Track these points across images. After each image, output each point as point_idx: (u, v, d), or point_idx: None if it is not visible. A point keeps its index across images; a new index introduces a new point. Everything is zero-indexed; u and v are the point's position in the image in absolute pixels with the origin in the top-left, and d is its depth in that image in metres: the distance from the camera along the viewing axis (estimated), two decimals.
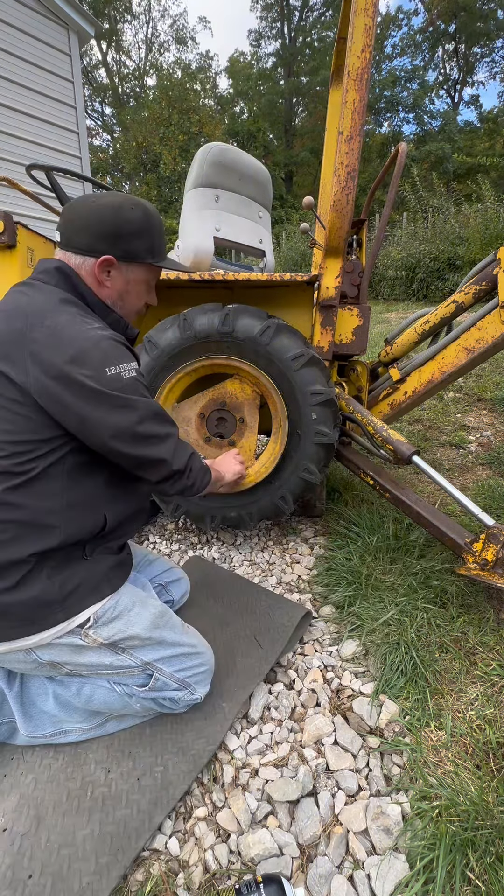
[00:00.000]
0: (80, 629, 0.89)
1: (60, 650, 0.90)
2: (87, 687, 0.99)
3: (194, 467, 1.01)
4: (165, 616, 1.03)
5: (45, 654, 0.89)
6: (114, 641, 0.93)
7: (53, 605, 0.85)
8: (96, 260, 0.92)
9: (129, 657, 0.96)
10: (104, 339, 0.86)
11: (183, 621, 1.11)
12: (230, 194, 1.78)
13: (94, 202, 0.92)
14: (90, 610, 0.90)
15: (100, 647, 0.93)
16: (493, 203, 7.17)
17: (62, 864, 0.80)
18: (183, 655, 1.02)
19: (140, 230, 0.94)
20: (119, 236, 0.92)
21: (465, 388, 3.45)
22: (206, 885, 0.79)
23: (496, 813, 0.83)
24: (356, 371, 1.87)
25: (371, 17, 1.30)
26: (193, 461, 1.01)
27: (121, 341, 0.91)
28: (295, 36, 27.00)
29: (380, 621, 1.31)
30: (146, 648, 0.98)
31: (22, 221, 1.60)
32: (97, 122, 24.86)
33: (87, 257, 0.92)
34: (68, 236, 0.93)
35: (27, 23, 5.35)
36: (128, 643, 0.95)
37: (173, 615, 1.07)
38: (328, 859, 0.82)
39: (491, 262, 1.50)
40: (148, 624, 0.97)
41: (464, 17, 22.66)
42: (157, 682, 0.99)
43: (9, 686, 1.00)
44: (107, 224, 0.91)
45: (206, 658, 1.06)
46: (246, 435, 1.68)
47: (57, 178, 1.63)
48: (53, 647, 0.89)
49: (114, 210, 0.91)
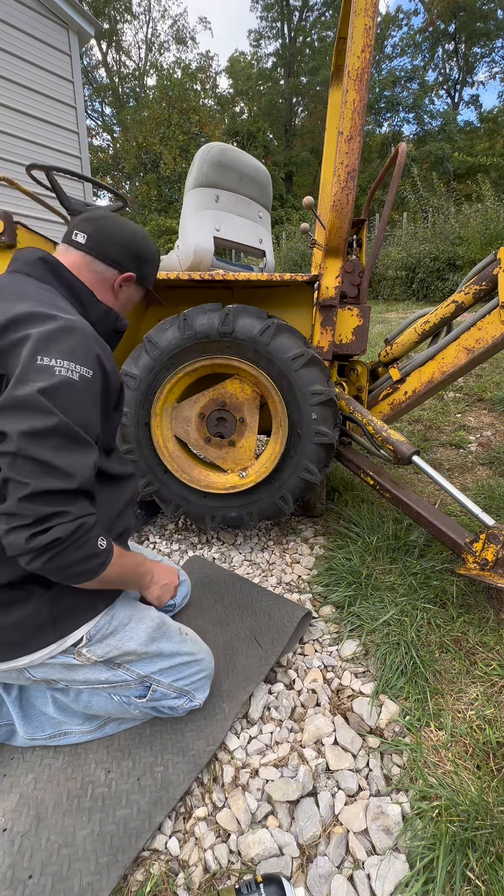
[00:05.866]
0: (74, 648, 0.86)
1: (53, 669, 0.88)
2: (84, 693, 0.98)
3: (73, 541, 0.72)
4: (163, 627, 1.00)
5: (37, 672, 0.87)
6: (109, 658, 0.91)
7: (44, 627, 0.82)
8: (121, 273, 0.97)
9: (126, 672, 0.94)
10: (66, 329, 0.77)
11: (181, 627, 1.08)
12: (230, 194, 1.78)
13: (124, 222, 1.00)
14: (83, 629, 0.86)
15: (94, 664, 0.90)
16: (493, 203, 7.17)
17: (62, 864, 0.80)
18: (182, 665, 1.00)
19: (155, 261, 1.06)
20: (143, 260, 1.01)
21: (465, 388, 3.45)
22: (206, 885, 0.79)
23: (496, 813, 0.83)
24: (356, 371, 1.87)
25: (371, 17, 1.30)
26: (78, 534, 0.73)
27: (90, 336, 0.82)
28: (295, 36, 27.00)
29: (380, 621, 1.31)
30: (143, 662, 0.95)
31: (22, 221, 1.60)
32: (97, 122, 24.85)
33: (112, 268, 0.96)
34: (98, 242, 0.94)
35: (27, 23, 5.35)
36: (123, 659, 0.93)
37: (171, 624, 1.04)
38: (328, 859, 0.82)
39: (491, 262, 1.50)
40: (145, 638, 0.94)
41: (464, 17, 22.67)
42: (156, 693, 0.97)
43: (7, 691, 1.00)
44: (138, 247, 1.00)
45: (205, 664, 1.04)
46: (246, 435, 1.68)
47: (57, 178, 1.63)
48: (46, 666, 0.86)
49: (143, 238, 1.02)
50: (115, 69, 25.67)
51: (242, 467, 1.71)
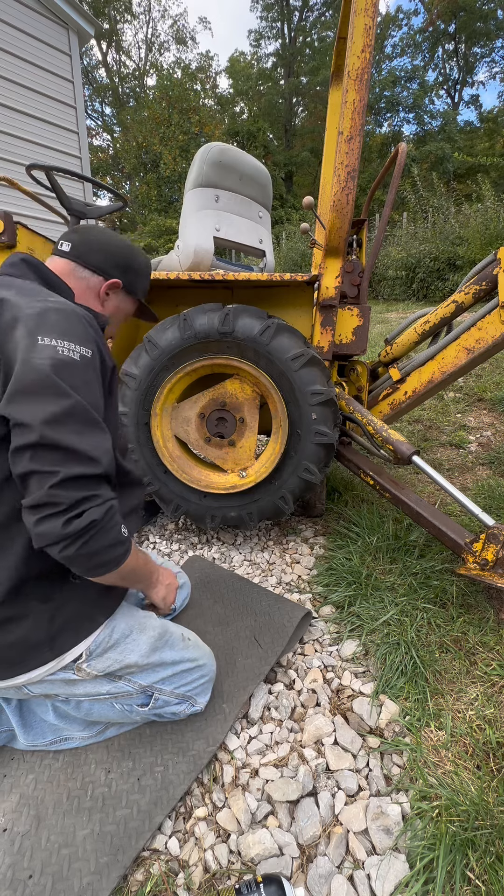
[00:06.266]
0: (73, 664, 0.85)
1: (52, 685, 0.86)
2: (85, 702, 0.96)
3: (105, 523, 0.72)
4: (165, 636, 0.98)
5: (36, 688, 0.86)
6: (110, 672, 0.89)
7: (41, 645, 0.80)
8: (106, 280, 1.00)
9: (127, 683, 0.93)
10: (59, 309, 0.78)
11: (183, 632, 1.06)
12: (230, 194, 1.78)
13: (112, 234, 1.04)
14: (82, 645, 0.84)
15: (94, 678, 0.89)
16: (493, 203, 7.17)
17: (62, 864, 0.80)
18: (184, 672, 0.99)
19: (144, 272, 1.10)
20: (130, 269, 1.04)
21: (465, 388, 3.45)
22: (206, 885, 0.79)
23: (496, 813, 0.83)
24: (356, 371, 1.87)
25: (371, 17, 1.30)
26: (109, 516, 0.73)
27: (83, 316, 0.83)
28: (295, 36, 27.01)
29: (380, 621, 1.31)
30: (144, 673, 0.94)
31: (22, 221, 1.60)
32: (97, 122, 24.88)
33: (97, 275, 0.99)
34: (82, 250, 0.98)
35: (27, 23, 5.35)
36: (125, 671, 0.91)
37: (174, 630, 1.03)
38: (328, 859, 0.82)
39: (491, 262, 1.50)
40: (147, 650, 0.93)
41: (464, 17, 22.68)
42: (158, 701, 0.96)
43: (6, 700, 0.98)
44: (124, 256, 1.03)
45: (207, 669, 1.03)
46: (246, 435, 1.68)
47: (57, 177, 1.64)
48: (45, 682, 0.85)
49: (130, 248, 1.06)
50: (115, 69, 25.69)
51: (242, 467, 1.71)
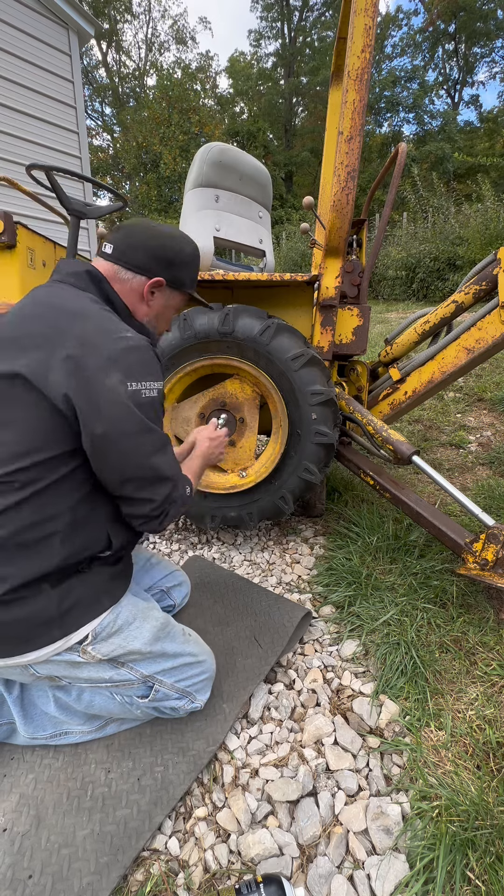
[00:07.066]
0: (79, 645, 0.87)
1: (58, 665, 0.88)
2: (87, 693, 0.98)
3: (180, 508, 0.93)
4: (167, 627, 1.00)
5: (42, 668, 0.88)
6: (113, 657, 0.91)
7: (51, 623, 0.82)
8: (148, 279, 0.96)
9: (129, 671, 0.94)
10: (137, 347, 0.83)
11: (184, 628, 1.08)
12: (230, 194, 1.78)
13: (154, 227, 0.98)
14: (89, 626, 0.87)
15: (98, 662, 0.91)
16: (493, 203, 7.17)
17: (62, 864, 0.80)
18: (184, 665, 1.00)
19: (189, 262, 1.02)
20: (173, 264, 0.98)
21: (465, 388, 3.45)
22: (206, 885, 0.79)
23: (496, 813, 0.83)
24: (356, 371, 1.87)
25: (371, 17, 1.30)
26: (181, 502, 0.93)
27: (153, 353, 0.88)
28: (295, 36, 27.00)
29: (380, 621, 1.31)
30: (146, 662, 0.96)
31: (22, 221, 1.60)
32: (97, 122, 24.85)
33: (139, 275, 0.95)
34: (123, 251, 0.94)
35: (27, 23, 5.34)
36: (127, 658, 0.93)
37: (175, 625, 1.05)
38: (328, 859, 0.82)
39: (491, 262, 1.50)
40: (149, 638, 0.94)
41: (464, 17, 22.66)
42: (158, 693, 0.98)
43: (8, 690, 1.00)
44: (167, 250, 0.97)
45: (207, 666, 1.05)
46: (246, 435, 1.68)
47: (57, 178, 1.63)
48: (51, 662, 0.87)
49: (173, 240, 0.99)
50: (115, 69, 25.67)
51: (242, 467, 1.71)
